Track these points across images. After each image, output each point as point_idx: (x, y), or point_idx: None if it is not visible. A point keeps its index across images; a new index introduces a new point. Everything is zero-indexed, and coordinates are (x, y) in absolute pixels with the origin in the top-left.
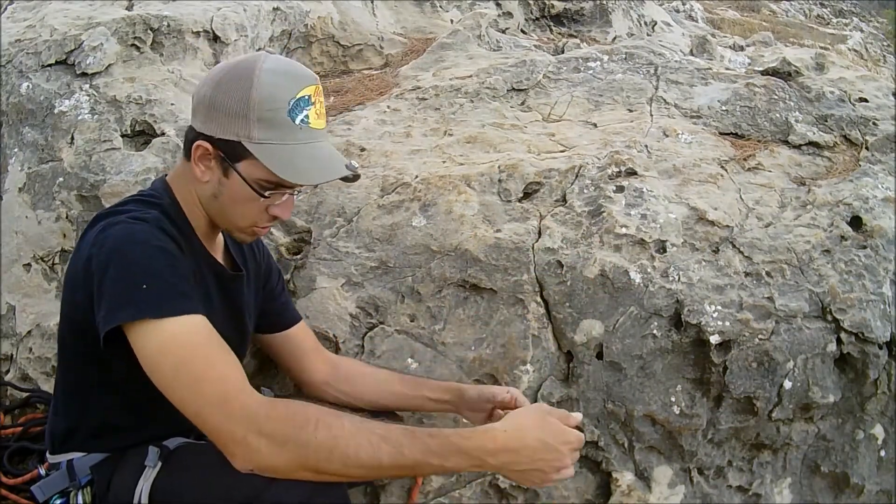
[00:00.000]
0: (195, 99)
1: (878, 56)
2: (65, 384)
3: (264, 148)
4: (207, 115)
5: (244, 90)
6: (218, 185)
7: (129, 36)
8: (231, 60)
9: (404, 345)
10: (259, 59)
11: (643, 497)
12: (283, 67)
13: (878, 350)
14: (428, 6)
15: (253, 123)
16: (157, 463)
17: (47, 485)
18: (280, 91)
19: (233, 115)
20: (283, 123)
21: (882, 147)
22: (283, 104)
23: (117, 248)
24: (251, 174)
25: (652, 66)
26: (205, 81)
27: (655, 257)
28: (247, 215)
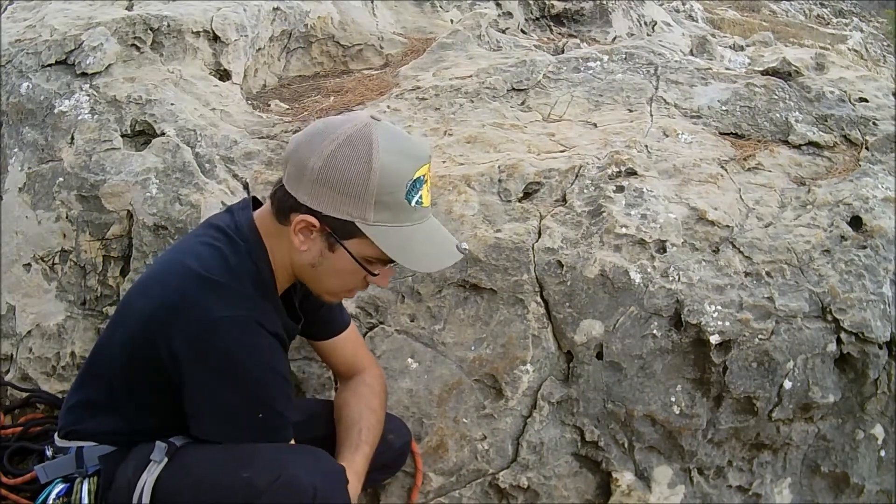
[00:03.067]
0: (296, 165)
1: (878, 56)
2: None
3: (379, 230)
4: (315, 189)
5: (362, 172)
6: (319, 257)
7: (129, 36)
8: (339, 128)
9: (404, 345)
10: (374, 134)
11: (643, 497)
12: (399, 145)
13: (878, 350)
14: (428, 6)
15: (370, 206)
16: (164, 458)
17: (52, 467)
18: (400, 174)
19: (348, 195)
20: (400, 206)
21: (882, 147)
22: (401, 187)
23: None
24: (360, 252)
25: (652, 66)
26: (310, 150)
27: (655, 257)
28: (345, 285)
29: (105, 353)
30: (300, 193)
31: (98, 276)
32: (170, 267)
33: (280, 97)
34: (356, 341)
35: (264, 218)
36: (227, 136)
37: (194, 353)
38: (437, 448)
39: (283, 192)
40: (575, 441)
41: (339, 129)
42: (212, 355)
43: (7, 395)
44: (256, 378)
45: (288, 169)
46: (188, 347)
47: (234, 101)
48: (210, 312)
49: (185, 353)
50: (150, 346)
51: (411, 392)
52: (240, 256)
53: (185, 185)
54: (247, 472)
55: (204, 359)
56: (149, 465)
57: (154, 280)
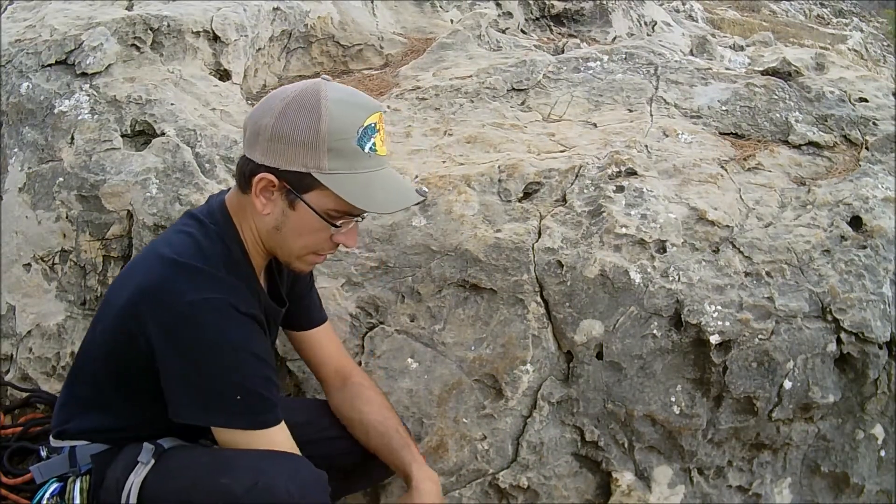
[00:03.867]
0: (251, 129)
1: (878, 56)
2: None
3: (336, 178)
4: (270, 146)
5: (312, 120)
6: (281, 217)
7: (129, 36)
8: (289, 89)
9: (404, 345)
10: (322, 88)
11: (643, 497)
12: (347, 96)
13: (878, 350)
14: (428, 6)
15: (323, 154)
16: (151, 460)
17: (47, 467)
18: (349, 120)
19: (301, 145)
20: (353, 152)
21: (882, 147)
22: (352, 133)
23: (210, 342)
24: (320, 204)
25: (652, 66)
26: (263, 111)
27: (655, 257)
28: (310, 245)
29: (89, 350)
30: (256, 154)
31: (98, 276)
32: (146, 256)
33: None
34: (337, 339)
35: (232, 196)
36: (227, 136)
37: (168, 338)
38: (437, 448)
39: (242, 159)
40: (575, 441)
41: (290, 89)
42: (184, 340)
43: (7, 395)
44: (231, 361)
45: (246, 135)
46: (162, 332)
47: (234, 101)
48: (182, 297)
49: (158, 338)
50: (127, 337)
51: (411, 392)
52: (210, 239)
53: (185, 185)
54: (226, 479)
55: (177, 343)
56: (136, 467)
57: (129, 271)
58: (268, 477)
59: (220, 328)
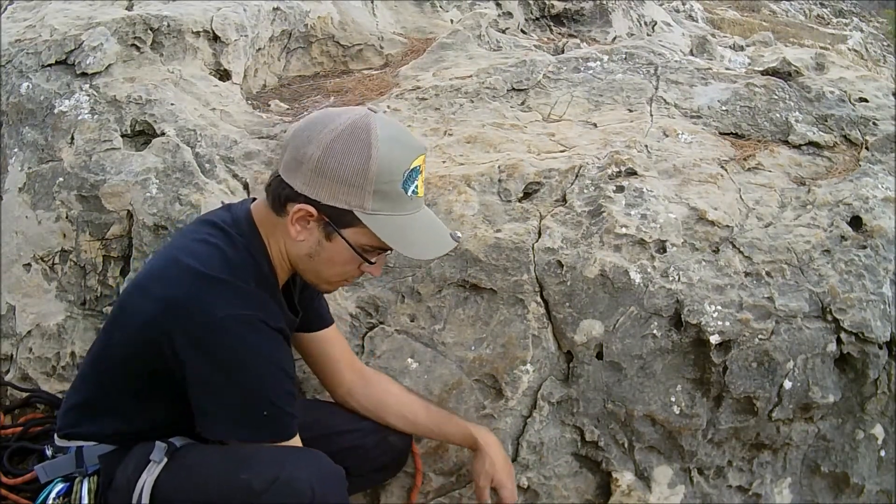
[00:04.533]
0: (293, 155)
1: (878, 56)
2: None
3: (377, 219)
4: (313, 178)
5: (362, 160)
6: (316, 246)
7: (129, 36)
8: (339, 119)
9: (404, 345)
10: (372, 124)
11: (643, 497)
12: (397, 135)
13: (878, 350)
14: (428, 6)
15: (368, 195)
16: (163, 459)
17: (52, 467)
18: (397, 163)
19: (347, 184)
20: (397, 195)
21: (882, 147)
22: (398, 176)
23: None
24: (357, 240)
25: (652, 66)
26: (308, 138)
27: (655, 257)
28: (340, 274)
29: (104, 356)
30: (297, 182)
31: (98, 276)
32: (167, 265)
33: (280, 97)
34: (345, 339)
35: (260, 210)
36: (227, 136)
37: (198, 352)
38: (437, 448)
39: (278, 181)
40: (575, 441)
41: (338, 119)
42: (215, 355)
43: (7, 395)
44: (260, 376)
45: (285, 158)
46: (192, 347)
47: (234, 101)
48: (213, 311)
49: (188, 352)
50: (152, 347)
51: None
52: (238, 251)
53: (185, 185)
54: (245, 474)
55: (208, 358)
56: (148, 465)
57: (152, 280)
58: (288, 472)
59: (253, 343)
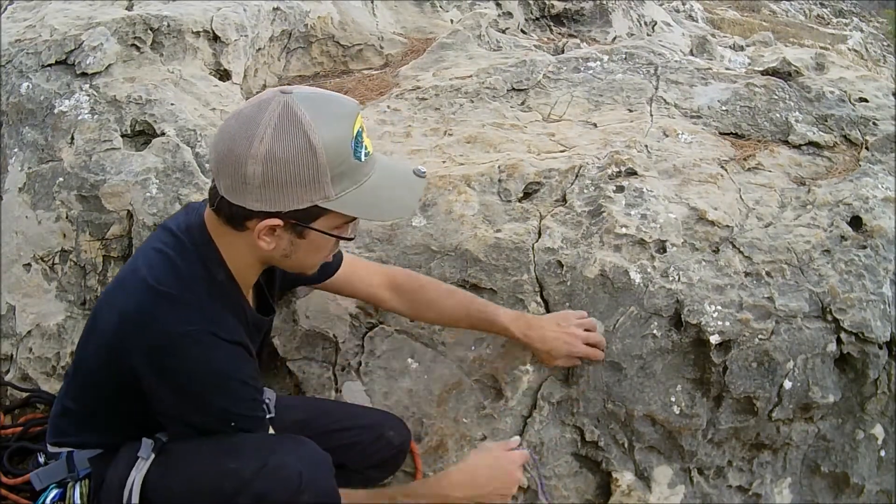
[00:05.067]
0: (234, 179)
1: (878, 56)
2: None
3: (343, 199)
4: (267, 194)
5: (308, 156)
6: (289, 246)
7: (129, 36)
8: (257, 121)
9: (404, 345)
10: (297, 112)
11: (643, 497)
12: (325, 108)
13: (878, 350)
14: (428, 6)
15: (327, 184)
16: (151, 455)
17: (45, 474)
18: (340, 138)
19: (302, 184)
20: (353, 168)
21: (882, 147)
22: (347, 150)
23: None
24: (330, 225)
25: (652, 66)
26: (240, 159)
27: (655, 257)
28: (322, 258)
29: (83, 364)
30: (249, 202)
31: (98, 276)
32: (129, 275)
33: None
34: (362, 261)
35: (214, 222)
36: None
37: (153, 369)
38: (437, 448)
39: (226, 203)
40: (575, 441)
41: (259, 122)
42: (170, 373)
43: (7, 395)
44: (219, 391)
45: (224, 183)
46: (147, 363)
47: (234, 101)
48: (164, 327)
49: (143, 368)
50: (116, 357)
51: (411, 392)
52: (190, 263)
53: (185, 185)
54: (234, 463)
55: (163, 376)
56: (137, 462)
57: (117, 289)
58: (276, 458)
59: (205, 359)
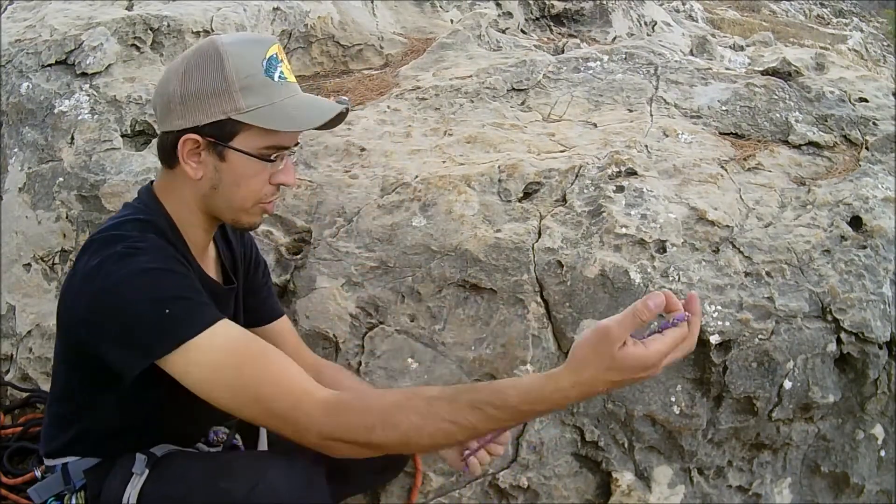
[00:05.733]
0: (160, 103)
1: (878, 56)
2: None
3: (256, 113)
4: (184, 107)
5: (216, 68)
6: (215, 174)
7: (129, 36)
8: (184, 53)
9: (404, 345)
10: (215, 39)
11: (643, 497)
12: (241, 37)
13: (878, 350)
14: (428, 6)
15: (236, 95)
16: (145, 470)
17: (43, 488)
18: (250, 56)
19: (213, 95)
20: (265, 84)
21: (882, 147)
22: (257, 67)
23: (127, 283)
24: (250, 145)
25: (652, 66)
26: (166, 81)
27: (655, 257)
28: (252, 192)
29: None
30: (174, 122)
31: None
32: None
33: None
34: (295, 335)
35: (158, 180)
36: None
37: (94, 316)
38: None
39: (161, 137)
40: (575, 441)
41: (185, 53)
42: (102, 291)
43: (7, 395)
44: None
45: (157, 115)
46: (87, 304)
47: None
48: (91, 263)
49: (89, 311)
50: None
51: None
52: (137, 222)
53: None
54: (224, 483)
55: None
56: (132, 479)
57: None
58: (267, 478)
59: (127, 264)
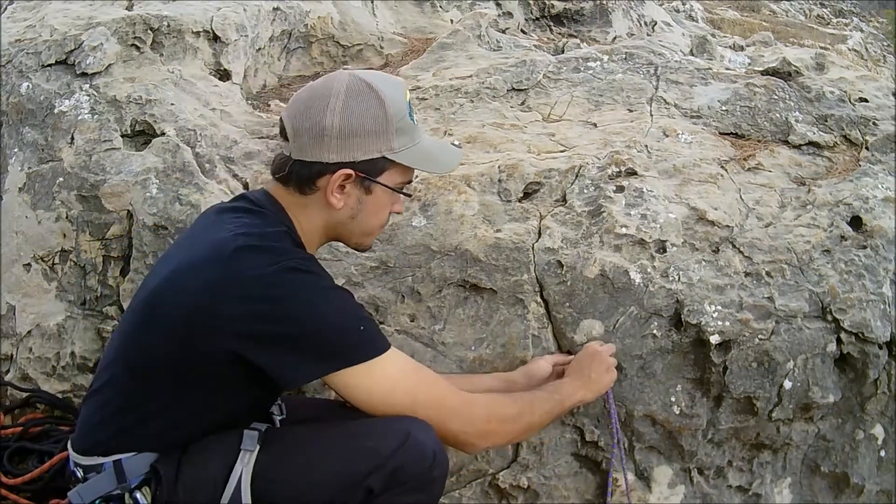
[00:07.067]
0: (311, 133)
1: (878, 56)
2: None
3: (406, 154)
4: (343, 143)
5: (378, 108)
6: (357, 205)
7: (129, 36)
8: (329, 87)
9: (404, 345)
10: (363, 76)
11: (643, 497)
12: (382, 77)
13: (878, 350)
14: (428, 6)
15: (392, 136)
16: (256, 446)
17: (88, 489)
18: (400, 100)
19: (374, 134)
20: (410, 127)
21: (882, 147)
22: (405, 111)
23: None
24: (393, 181)
25: (652, 66)
26: (318, 114)
27: (655, 257)
28: (383, 220)
29: (139, 359)
30: (326, 154)
31: (98, 276)
32: (199, 254)
33: (280, 97)
34: None
35: (280, 193)
36: (227, 136)
37: (259, 315)
38: None
39: (299, 164)
40: (575, 441)
41: (332, 87)
42: (279, 304)
43: (7, 395)
44: (337, 299)
45: (297, 143)
46: (249, 315)
47: (234, 101)
48: (259, 270)
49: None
50: (200, 337)
51: None
52: (270, 223)
53: (185, 185)
54: (371, 441)
55: (272, 312)
56: (241, 456)
57: (184, 273)
58: (414, 435)
59: (310, 279)
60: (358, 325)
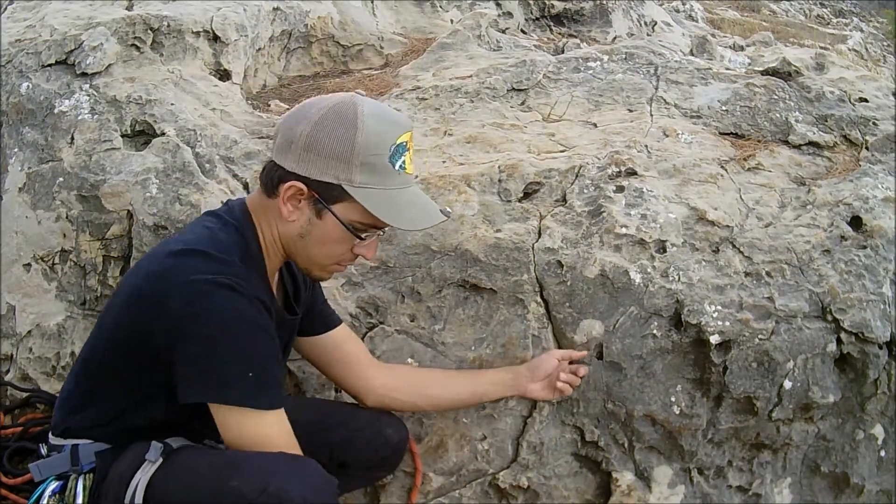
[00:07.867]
0: (284, 136)
1: (878, 56)
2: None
3: (365, 192)
4: (303, 155)
5: (349, 133)
6: (307, 226)
7: (129, 36)
8: (326, 100)
9: (404, 345)
10: (358, 102)
11: (643, 497)
12: (382, 112)
13: (878, 350)
14: (428, 6)
15: (356, 167)
16: (159, 458)
17: (46, 465)
18: (383, 136)
19: (335, 157)
20: (384, 169)
21: (882, 147)
22: (385, 150)
23: (224, 318)
24: (347, 216)
25: (652, 66)
26: (298, 119)
27: (655, 257)
28: (332, 255)
29: (93, 343)
30: (288, 162)
31: (98, 276)
32: (154, 252)
33: (280, 97)
34: (359, 340)
35: (254, 198)
36: (227, 136)
37: (179, 319)
38: (437, 448)
39: (271, 164)
40: (575, 441)
41: (326, 101)
42: (196, 318)
43: (7, 395)
44: (245, 336)
45: (277, 141)
46: (171, 314)
47: (234, 101)
48: (190, 275)
49: (167, 321)
50: (136, 323)
51: None
52: (228, 232)
53: (185, 185)
54: (235, 481)
55: (189, 322)
56: (143, 465)
57: (138, 266)
58: (278, 480)
59: (232, 304)
60: (248, 370)
